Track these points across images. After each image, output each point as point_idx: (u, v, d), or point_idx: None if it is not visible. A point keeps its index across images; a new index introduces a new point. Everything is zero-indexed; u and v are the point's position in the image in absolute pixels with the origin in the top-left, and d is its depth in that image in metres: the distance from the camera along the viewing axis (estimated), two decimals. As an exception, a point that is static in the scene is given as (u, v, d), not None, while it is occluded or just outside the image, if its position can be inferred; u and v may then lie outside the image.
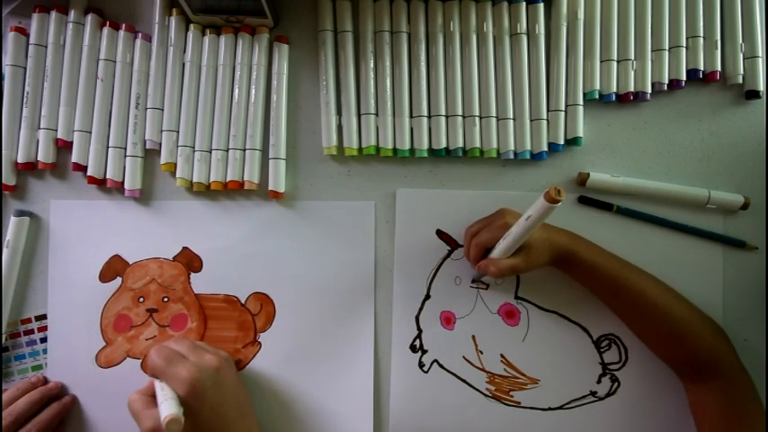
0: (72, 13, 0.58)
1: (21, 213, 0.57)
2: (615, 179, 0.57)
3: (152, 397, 0.49)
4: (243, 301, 0.58)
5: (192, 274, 0.58)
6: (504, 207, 0.54)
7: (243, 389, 0.54)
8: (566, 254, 0.52)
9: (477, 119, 0.58)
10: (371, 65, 0.58)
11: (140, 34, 0.58)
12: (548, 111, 0.58)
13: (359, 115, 0.58)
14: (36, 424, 0.53)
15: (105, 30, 0.58)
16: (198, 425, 0.46)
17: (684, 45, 0.58)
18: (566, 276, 0.55)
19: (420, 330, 0.59)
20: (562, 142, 0.58)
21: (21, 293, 0.58)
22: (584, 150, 0.59)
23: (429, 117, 0.58)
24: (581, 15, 0.58)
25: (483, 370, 0.58)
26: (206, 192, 0.59)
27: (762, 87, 0.58)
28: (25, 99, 0.57)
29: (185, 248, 0.58)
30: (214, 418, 0.48)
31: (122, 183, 0.58)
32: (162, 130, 0.58)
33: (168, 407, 0.44)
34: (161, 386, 0.48)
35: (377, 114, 0.58)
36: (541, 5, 0.58)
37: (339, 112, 0.58)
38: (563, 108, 0.58)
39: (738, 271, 0.58)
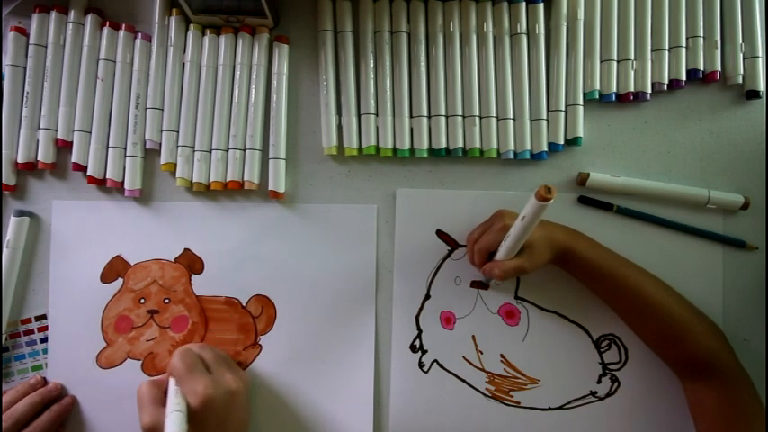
0: (72, 13, 0.58)
1: (21, 213, 0.57)
2: (615, 179, 0.57)
3: (163, 392, 0.49)
4: (244, 304, 0.58)
5: (194, 276, 0.58)
6: (502, 209, 0.54)
7: (248, 414, 0.54)
8: (565, 250, 0.52)
9: (477, 119, 0.58)
10: (371, 65, 0.58)
11: (140, 34, 0.58)
12: (548, 111, 0.58)
13: (359, 115, 0.58)
14: (36, 426, 0.54)
15: (105, 30, 0.58)
16: None
17: (684, 45, 0.58)
18: (565, 276, 0.55)
19: (420, 330, 0.59)
20: (562, 142, 0.58)
21: (21, 293, 0.58)
22: (584, 150, 0.59)
23: (429, 117, 0.58)
24: (581, 15, 0.58)
25: (483, 370, 0.58)
26: (206, 192, 0.58)
27: (762, 87, 0.58)
28: (25, 99, 0.57)
29: (187, 250, 0.58)
30: None
31: (122, 183, 0.58)
32: (162, 130, 0.58)
33: (175, 422, 0.44)
34: (175, 391, 0.48)
35: (377, 114, 0.58)
36: (541, 5, 0.58)
37: (339, 112, 0.58)
38: (563, 108, 0.58)
39: (738, 271, 0.58)
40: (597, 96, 0.58)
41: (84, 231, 0.58)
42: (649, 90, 0.58)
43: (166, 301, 0.58)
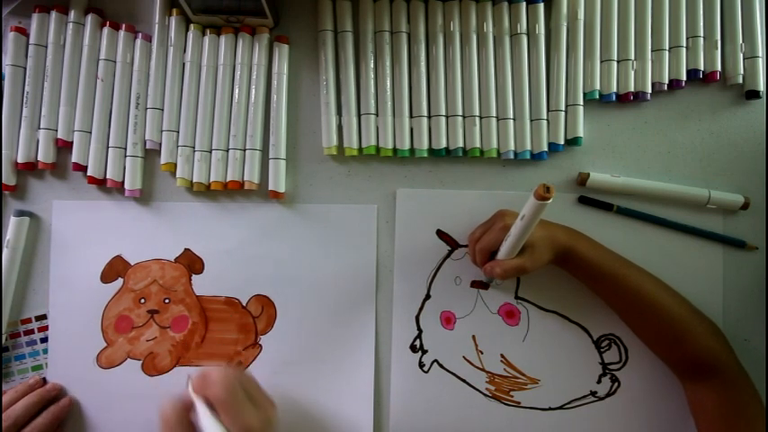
0: (72, 13, 0.57)
1: (21, 213, 0.57)
2: (615, 179, 0.57)
3: (189, 414, 0.46)
4: (244, 304, 0.58)
5: (194, 276, 0.58)
6: (503, 209, 0.54)
7: None
8: (565, 251, 0.52)
9: (477, 119, 0.58)
10: (371, 65, 0.58)
11: (140, 34, 0.58)
12: (548, 111, 0.58)
13: (359, 115, 0.58)
14: (35, 427, 0.53)
15: (105, 30, 0.58)
16: None
17: (684, 45, 0.58)
18: (566, 276, 0.55)
19: (420, 330, 0.59)
20: (562, 142, 0.58)
21: (21, 293, 0.58)
22: (584, 150, 0.59)
23: (429, 117, 0.58)
24: (581, 15, 0.58)
25: (483, 370, 0.58)
26: (206, 192, 0.58)
27: (762, 87, 0.58)
28: (25, 99, 0.57)
29: (187, 250, 0.58)
30: None
31: (122, 183, 0.58)
32: (162, 130, 0.58)
33: None
34: (210, 418, 0.44)
35: (377, 114, 0.58)
36: (541, 5, 0.58)
37: (339, 112, 0.58)
38: (563, 108, 0.58)
39: (738, 271, 0.58)
40: (597, 96, 0.58)
41: (84, 231, 0.58)
42: (649, 90, 0.58)
43: (166, 301, 0.58)
